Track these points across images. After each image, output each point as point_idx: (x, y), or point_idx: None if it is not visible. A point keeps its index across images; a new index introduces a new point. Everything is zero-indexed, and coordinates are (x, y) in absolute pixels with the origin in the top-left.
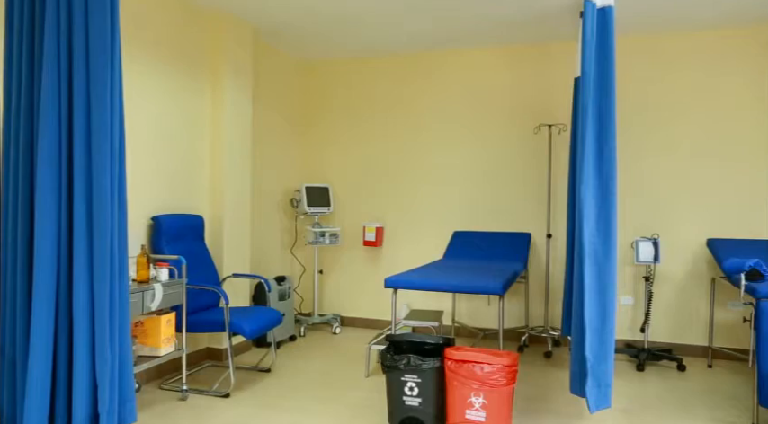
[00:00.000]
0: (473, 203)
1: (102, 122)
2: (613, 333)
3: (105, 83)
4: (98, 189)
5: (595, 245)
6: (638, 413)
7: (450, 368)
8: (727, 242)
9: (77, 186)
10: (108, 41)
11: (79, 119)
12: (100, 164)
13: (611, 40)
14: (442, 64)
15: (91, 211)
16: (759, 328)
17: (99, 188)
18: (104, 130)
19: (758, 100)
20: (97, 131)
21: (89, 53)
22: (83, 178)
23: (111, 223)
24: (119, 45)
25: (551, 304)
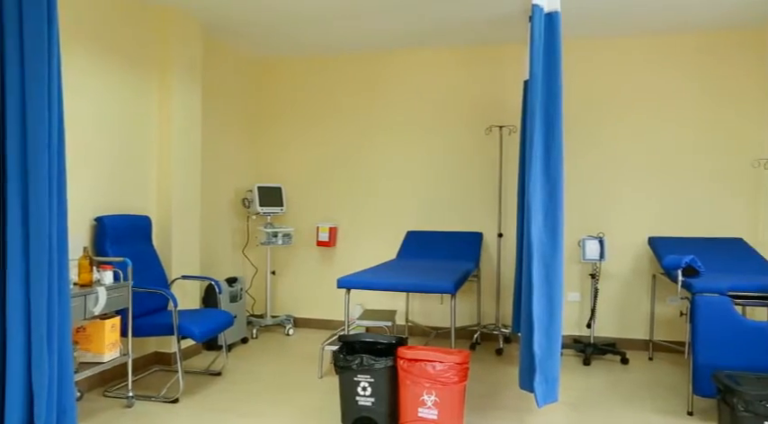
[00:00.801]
0: (426, 203)
1: (38, 120)
2: (560, 329)
3: (42, 79)
4: (35, 189)
5: (543, 244)
6: (583, 406)
7: (402, 367)
8: (666, 240)
9: (11, 185)
10: (45, 36)
11: (13, 117)
12: (36, 163)
13: (557, 45)
14: (395, 64)
15: (27, 211)
16: (694, 321)
17: (36, 187)
18: (41, 128)
19: (697, 103)
20: (34, 129)
21: (24, 48)
22: (17, 177)
23: (49, 223)
24: (57, 40)
25: (502, 301)
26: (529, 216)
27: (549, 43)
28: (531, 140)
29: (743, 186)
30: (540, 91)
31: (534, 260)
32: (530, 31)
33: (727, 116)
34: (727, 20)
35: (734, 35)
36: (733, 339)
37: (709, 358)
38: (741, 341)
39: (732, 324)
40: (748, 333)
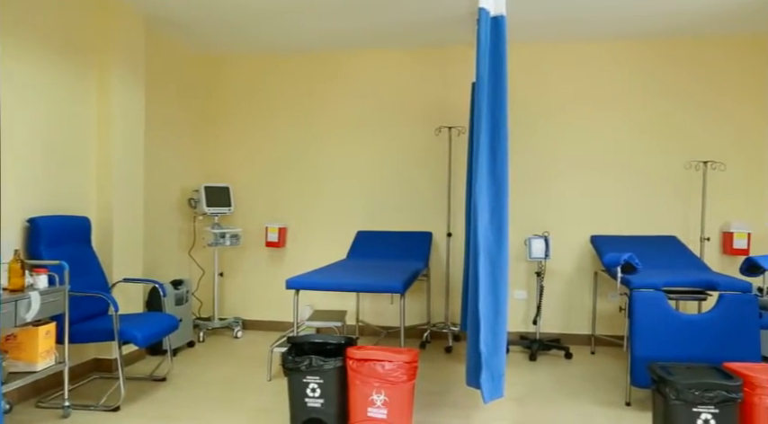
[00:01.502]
0: (376, 203)
1: None
2: (506, 326)
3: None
4: None
5: (489, 243)
6: (529, 400)
7: (351, 367)
8: (607, 238)
9: None
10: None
11: None
12: None
13: (503, 48)
14: (346, 64)
15: None
16: (632, 315)
17: None
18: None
19: (636, 107)
20: None
21: None
22: None
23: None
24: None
25: (451, 300)
26: (475, 215)
27: (495, 46)
28: (478, 141)
29: (676, 187)
30: (486, 93)
31: (480, 259)
32: (476, 34)
33: (662, 120)
34: (663, 27)
35: (668, 43)
36: (667, 331)
37: (645, 351)
38: (674, 334)
39: (666, 318)
40: (680, 326)
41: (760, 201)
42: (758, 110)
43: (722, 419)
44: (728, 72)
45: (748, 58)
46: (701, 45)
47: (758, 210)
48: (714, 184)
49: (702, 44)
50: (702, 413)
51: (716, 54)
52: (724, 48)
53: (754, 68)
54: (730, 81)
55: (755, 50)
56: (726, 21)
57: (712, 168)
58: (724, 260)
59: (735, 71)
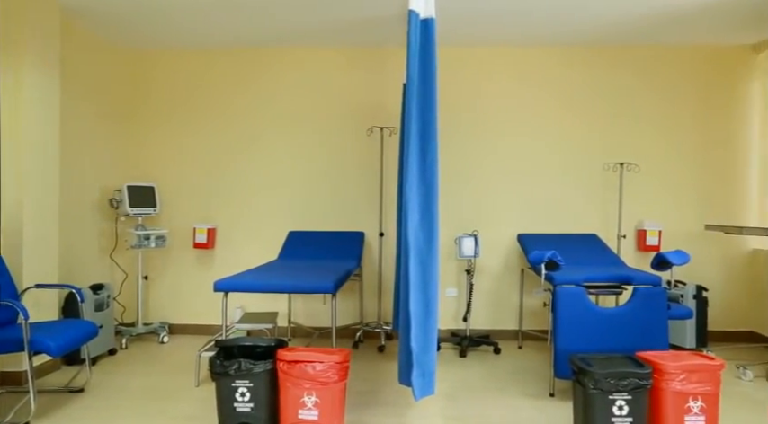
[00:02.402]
0: (309, 203)
1: None
2: (436, 324)
3: None
4: None
5: (419, 242)
6: (459, 396)
7: (282, 370)
8: (532, 236)
9: None
10: None
11: None
12: None
13: (432, 50)
14: (277, 62)
15: None
16: (555, 310)
17: None
18: None
19: (559, 111)
20: None
21: None
22: None
23: None
24: None
25: (384, 299)
26: (405, 215)
27: (425, 48)
28: (408, 142)
29: (596, 187)
30: (415, 94)
31: (411, 258)
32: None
33: (583, 124)
34: (585, 35)
35: (591, 51)
36: (587, 325)
37: (567, 344)
38: (593, 327)
39: (586, 312)
40: (599, 319)
41: (670, 201)
42: (669, 116)
43: (634, 404)
44: (644, 80)
45: (663, 68)
46: (622, 54)
47: (668, 209)
48: (630, 185)
49: (623, 53)
50: (617, 400)
51: (635, 63)
52: (641, 58)
53: (667, 78)
54: (645, 89)
55: (669, 61)
56: (646, 32)
57: (628, 169)
58: (638, 256)
59: (650, 80)
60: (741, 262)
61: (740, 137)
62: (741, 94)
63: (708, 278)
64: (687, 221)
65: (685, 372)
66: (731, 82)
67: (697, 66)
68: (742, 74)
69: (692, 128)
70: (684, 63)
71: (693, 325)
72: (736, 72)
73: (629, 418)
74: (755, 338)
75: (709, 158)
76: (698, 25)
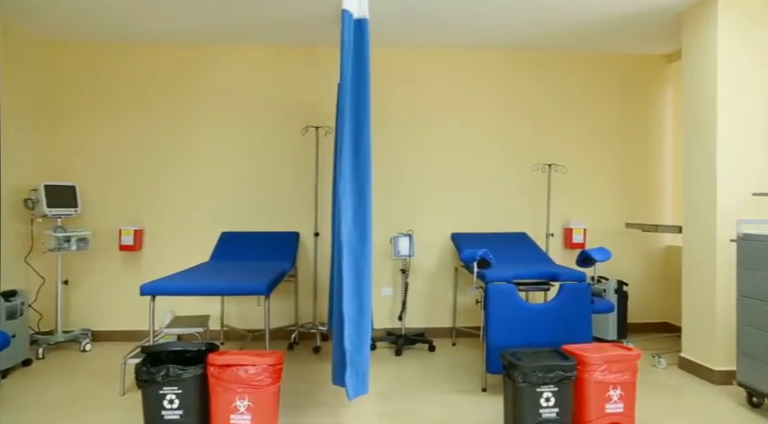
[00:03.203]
0: (242, 203)
1: None
2: (369, 324)
3: None
4: None
5: (352, 241)
6: (393, 394)
7: (213, 374)
8: (465, 235)
9: None
10: None
11: None
12: None
13: (366, 50)
14: (211, 58)
15: None
16: (487, 307)
17: None
18: None
19: (492, 113)
20: None
21: None
22: None
23: None
24: None
25: (319, 300)
26: (339, 214)
27: (358, 48)
28: (341, 142)
29: (525, 187)
30: (349, 94)
31: (344, 258)
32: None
33: (515, 126)
34: (518, 41)
35: (522, 56)
36: (517, 321)
37: (498, 340)
38: (523, 322)
39: (516, 308)
40: (528, 315)
41: (594, 200)
42: (593, 120)
43: (560, 395)
44: (570, 85)
45: (587, 74)
46: (549, 60)
47: (593, 208)
48: (557, 185)
49: (550, 59)
50: (545, 392)
51: (561, 69)
52: (568, 64)
53: (591, 83)
54: (571, 93)
55: (593, 68)
56: (572, 39)
57: (555, 170)
58: (566, 254)
59: (575, 85)
60: (657, 258)
61: (656, 141)
62: (656, 101)
63: (628, 273)
64: (609, 219)
65: (606, 363)
66: (647, 89)
67: (618, 73)
68: (657, 81)
69: (614, 132)
70: (607, 70)
71: (615, 318)
72: (652, 79)
73: (556, 408)
74: (670, 328)
75: (628, 160)
76: (618, 35)
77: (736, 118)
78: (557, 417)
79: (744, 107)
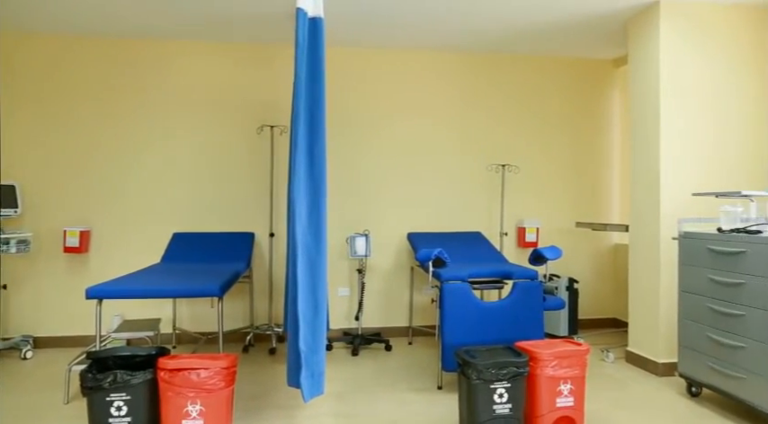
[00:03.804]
0: (195, 203)
1: None
2: (325, 324)
3: None
4: None
5: (307, 242)
6: (349, 394)
7: (163, 379)
8: (421, 235)
9: None
10: None
11: None
12: None
13: (321, 49)
14: (162, 54)
15: None
16: (442, 306)
17: None
18: None
19: (447, 115)
20: None
21: None
22: None
23: None
24: None
25: (275, 301)
26: (293, 215)
27: (313, 47)
28: (295, 141)
29: (480, 187)
30: (303, 93)
31: (299, 258)
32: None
33: (470, 126)
34: (470, 44)
35: (478, 58)
36: (471, 319)
37: (453, 338)
38: (477, 320)
39: (470, 307)
40: (482, 313)
41: (546, 200)
42: (545, 122)
43: (513, 391)
44: (523, 87)
45: (540, 77)
46: (504, 62)
47: (545, 208)
48: (511, 185)
49: (505, 61)
50: (498, 388)
51: (515, 71)
52: (521, 67)
53: (544, 86)
54: (525, 95)
55: (545, 71)
56: (525, 43)
57: (509, 171)
58: (519, 252)
59: (528, 87)
60: (606, 256)
61: (604, 143)
62: (605, 104)
63: (578, 271)
64: (561, 219)
65: (557, 358)
66: (596, 92)
67: (569, 76)
68: (605, 85)
69: (565, 134)
70: (559, 73)
71: (566, 315)
72: (601, 83)
73: (509, 404)
74: (618, 324)
75: (579, 161)
76: (569, 40)
77: (677, 121)
78: (509, 412)
79: (685, 111)
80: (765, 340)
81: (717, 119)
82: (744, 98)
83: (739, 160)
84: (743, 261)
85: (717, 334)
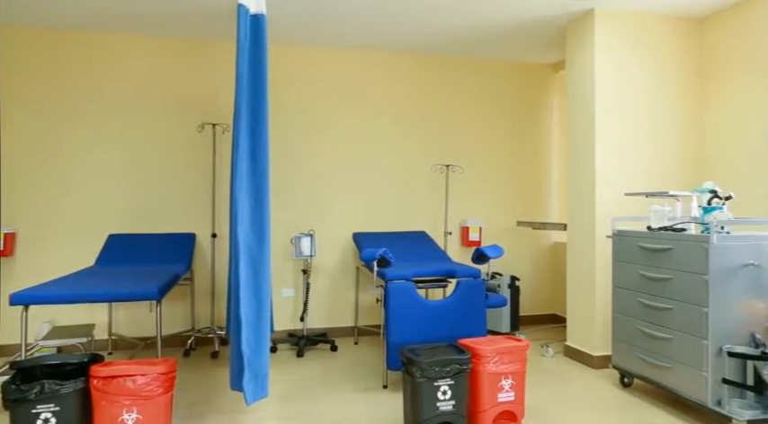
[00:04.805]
0: (132, 203)
1: None
2: (268, 326)
3: None
4: None
5: (250, 242)
6: (295, 396)
7: (96, 387)
8: (366, 235)
9: None
10: None
11: None
12: None
13: (263, 46)
14: (97, 48)
15: None
16: (387, 305)
17: None
18: None
19: (392, 114)
20: None
21: None
22: None
23: None
24: None
25: (217, 303)
26: (235, 214)
27: (255, 44)
28: (237, 140)
29: (425, 187)
30: (245, 91)
31: (241, 259)
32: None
33: (414, 127)
34: (415, 46)
35: (420, 59)
36: (416, 317)
37: (398, 337)
38: (422, 319)
39: (415, 305)
40: (427, 311)
41: (489, 200)
42: (488, 123)
43: (456, 387)
44: (468, 89)
45: (483, 80)
46: (449, 64)
47: (488, 207)
48: (455, 185)
49: (449, 63)
50: (442, 386)
51: (460, 73)
52: (465, 69)
53: (487, 89)
54: (469, 97)
55: (488, 74)
56: (469, 46)
57: (453, 171)
58: (463, 251)
59: (472, 89)
60: (545, 254)
61: (544, 145)
62: (544, 107)
63: (520, 268)
64: (503, 218)
65: (498, 354)
66: (536, 95)
67: (511, 79)
68: (545, 89)
69: (507, 135)
70: (500, 76)
71: (508, 312)
72: (541, 87)
73: (452, 401)
74: (557, 319)
75: (520, 162)
76: (510, 44)
77: (611, 124)
78: (453, 409)
79: (619, 115)
80: (690, 332)
81: (649, 123)
82: (674, 103)
83: (670, 162)
84: (669, 258)
85: (646, 327)
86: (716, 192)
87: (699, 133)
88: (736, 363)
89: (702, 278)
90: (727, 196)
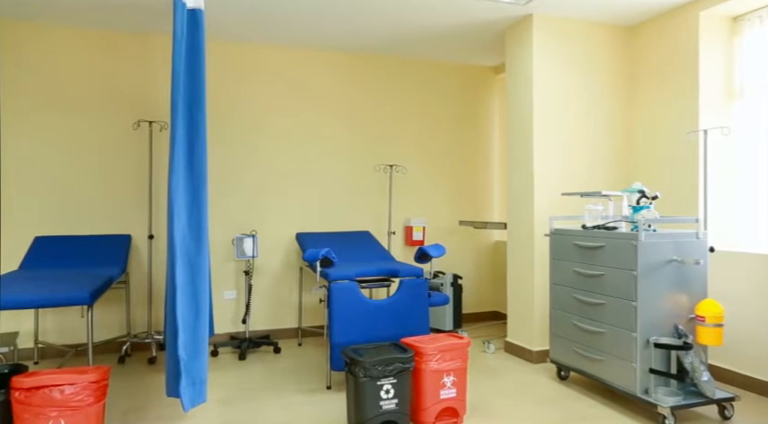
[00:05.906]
0: (62, 204)
1: None
2: (206, 329)
3: None
4: None
5: (187, 244)
6: (235, 400)
7: (18, 400)
8: (310, 235)
9: None
10: None
11: None
12: None
13: (201, 42)
14: (24, 38)
15: None
16: (330, 306)
17: None
18: None
19: (335, 114)
20: None
21: None
22: None
23: None
24: None
25: (155, 307)
26: (171, 215)
27: (193, 40)
28: (174, 139)
29: (369, 187)
30: (182, 88)
31: (178, 261)
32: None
33: (358, 126)
34: (357, 45)
35: (363, 58)
36: (359, 317)
37: (341, 337)
38: (365, 319)
39: (358, 305)
40: (370, 311)
41: (432, 199)
42: (430, 124)
43: (399, 386)
44: (411, 90)
45: (426, 81)
46: (392, 64)
47: (431, 207)
48: (398, 185)
49: (393, 63)
50: (385, 385)
51: (403, 74)
52: (409, 70)
53: (430, 90)
54: (412, 98)
55: (431, 74)
56: (412, 46)
57: (396, 171)
58: (406, 250)
59: (415, 90)
60: (487, 252)
61: (485, 146)
62: (485, 109)
63: (462, 267)
64: (445, 217)
65: (440, 352)
66: (478, 97)
67: (453, 80)
68: (486, 91)
69: (449, 136)
70: (443, 77)
71: (451, 310)
72: (482, 89)
73: (395, 399)
74: (498, 316)
75: (462, 162)
76: (452, 46)
77: (548, 126)
78: (396, 407)
79: (555, 117)
80: (621, 325)
81: (584, 126)
82: (607, 107)
83: (603, 163)
84: (602, 255)
85: (581, 322)
86: (644, 192)
87: (629, 136)
88: (661, 353)
89: (632, 274)
90: (654, 196)
